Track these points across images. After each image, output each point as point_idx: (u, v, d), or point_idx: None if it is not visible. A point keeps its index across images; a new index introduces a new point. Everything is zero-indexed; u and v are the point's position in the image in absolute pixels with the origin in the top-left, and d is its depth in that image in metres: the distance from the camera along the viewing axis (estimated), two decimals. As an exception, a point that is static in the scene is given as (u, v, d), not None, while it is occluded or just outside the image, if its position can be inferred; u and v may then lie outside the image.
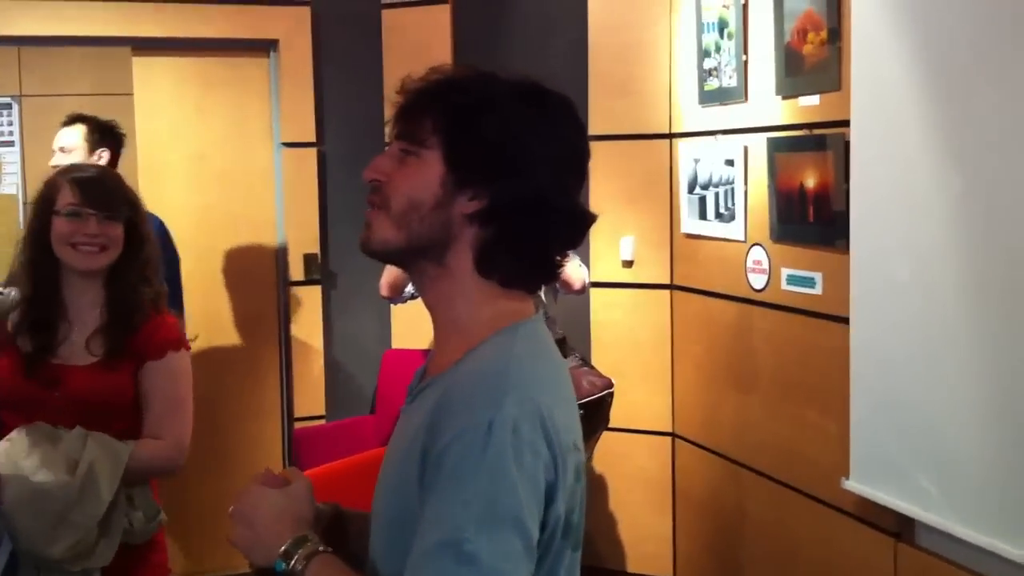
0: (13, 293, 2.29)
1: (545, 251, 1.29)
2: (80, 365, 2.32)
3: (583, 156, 1.30)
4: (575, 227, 1.30)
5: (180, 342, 2.44)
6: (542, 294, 3.68)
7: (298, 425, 4.31)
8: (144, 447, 2.32)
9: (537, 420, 1.15)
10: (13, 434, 2.24)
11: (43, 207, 2.37)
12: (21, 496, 2.15)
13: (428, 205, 1.23)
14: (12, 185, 7.05)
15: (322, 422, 4.35)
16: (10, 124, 7.04)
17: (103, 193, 2.36)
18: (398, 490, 1.21)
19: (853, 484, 2.90)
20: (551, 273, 1.33)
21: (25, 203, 7.04)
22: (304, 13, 4.30)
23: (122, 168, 3.51)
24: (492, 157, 1.22)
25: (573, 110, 1.30)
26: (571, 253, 3.78)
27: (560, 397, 1.24)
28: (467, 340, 1.25)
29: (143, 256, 2.42)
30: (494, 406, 1.13)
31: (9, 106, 7.02)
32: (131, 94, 4.33)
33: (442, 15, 4.30)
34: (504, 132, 1.23)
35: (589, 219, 1.30)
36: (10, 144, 7.04)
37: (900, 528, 2.82)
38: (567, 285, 3.61)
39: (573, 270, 3.60)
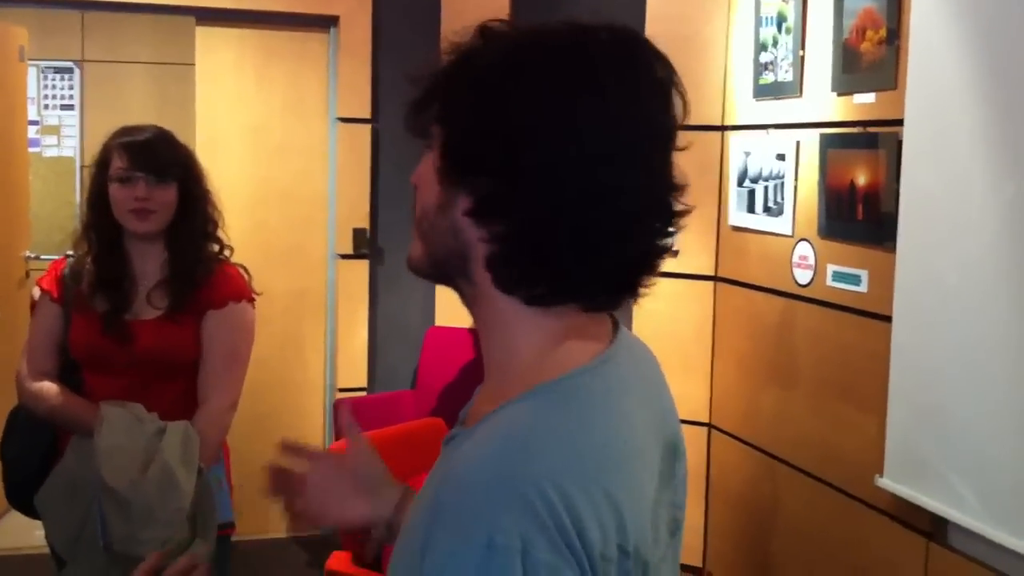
0: None
1: (585, 256, 0.96)
2: (146, 319, 2.39)
3: (639, 127, 1.04)
4: (639, 220, 1.04)
5: (242, 293, 2.46)
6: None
7: (339, 396, 4.39)
8: (201, 422, 2.33)
9: (557, 530, 0.85)
10: (99, 423, 2.23)
11: (99, 172, 2.42)
12: (107, 502, 2.17)
13: (433, 207, 1.00)
14: (70, 148, 7.19)
15: (363, 394, 4.43)
16: (71, 88, 7.15)
17: (153, 157, 2.38)
18: (399, 559, 0.95)
19: (886, 482, 2.91)
20: (622, 282, 1.03)
21: (83, 166, 7.20)
22: (366, -9, 4.36)
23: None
24: (483, 135, 0.96)
25: (636, 70, 1.05)
26: None
27: (622, 474, 0.93)
28: (503, 388, 0.98)
29: (200, 214, 2.46)
30: (490, 519, 0.84)
31: (70, 70, 7.13)
32: (193, 64, 4.41)
33: (501, -1, 4.35)
34: (501, 104, 0.95)
35: (662, 210, 1.07)
36: (70, 108, 7.16)
37: (933, 528, 2.83)
38: None
39: None
